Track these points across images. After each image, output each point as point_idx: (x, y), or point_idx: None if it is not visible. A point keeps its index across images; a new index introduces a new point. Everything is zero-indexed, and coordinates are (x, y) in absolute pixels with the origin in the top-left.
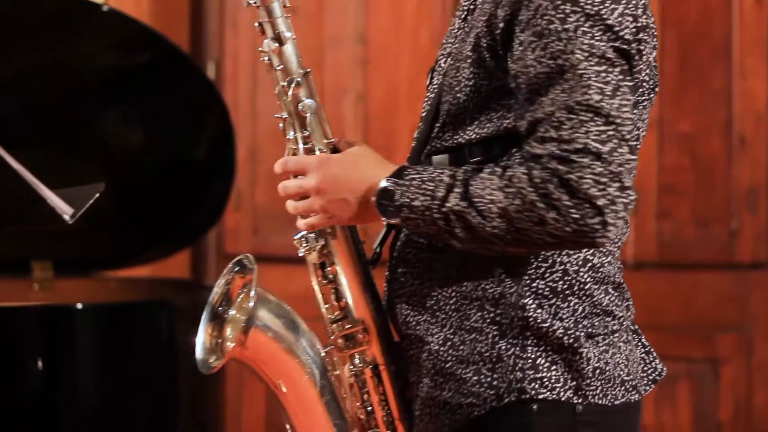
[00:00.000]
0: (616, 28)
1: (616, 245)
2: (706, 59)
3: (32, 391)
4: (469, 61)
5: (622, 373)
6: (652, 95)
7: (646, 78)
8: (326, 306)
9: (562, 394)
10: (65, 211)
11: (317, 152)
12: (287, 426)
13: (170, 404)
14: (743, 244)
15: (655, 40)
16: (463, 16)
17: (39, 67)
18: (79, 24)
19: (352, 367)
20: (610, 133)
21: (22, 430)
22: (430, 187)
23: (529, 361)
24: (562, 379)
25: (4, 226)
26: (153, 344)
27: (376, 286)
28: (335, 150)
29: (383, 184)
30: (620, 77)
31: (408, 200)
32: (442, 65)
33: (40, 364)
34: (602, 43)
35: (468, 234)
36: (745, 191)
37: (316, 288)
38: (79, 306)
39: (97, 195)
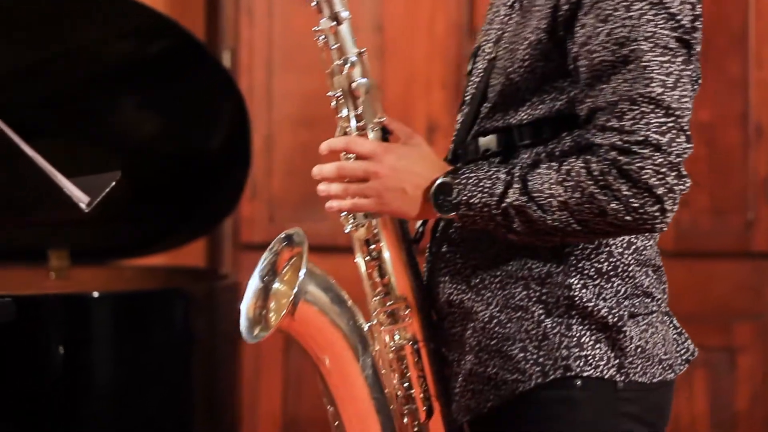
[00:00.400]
0: (678, 16)
1: None
2: (723, 49)
3: (49, 379)
4: (525, 43)
5: (659, 352)
6: (696, 86)
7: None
8: (369, 282)
9: (605, 371)
10: (81, 199)
11: (369, 131)
12: (325, 399)
13: (186, 393)
14: (760, 233)
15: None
16: (510, 3)
17: (54, 56)
18: (94, 12)
19: (392, 343)
20: (670, 124)
21: (39, 417)
22: (488, 185)
23: (574, 339)
24: (605, 357)
25: (21, 215)
26: (168, 333)
27: (418, 264)
28: (385, 129)
29: (441, 180)
30: (681, 67)
31: (466, 198)
32: (487, 50)
33: (56, 352)
34: (665, 32)
35: (527, 228)
36: (761, 181)
37: (361, 264)
38: (96, 294)
39: (113, 184)
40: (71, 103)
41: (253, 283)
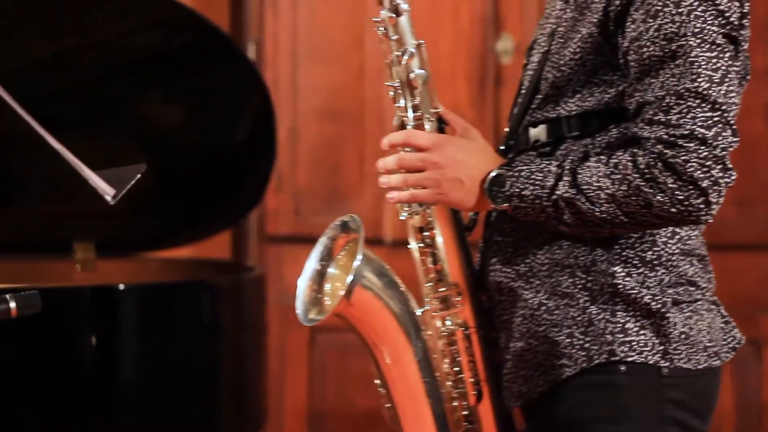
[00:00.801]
0: (727, 13)
1: None
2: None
3: (76, 371)
4: (578, 36)
5: (704, 339)
6: (744, 83)
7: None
8: (423, 268)
9: (649, 357)
10: (107, 192)
11: (426, 121)
12: (377, 382)
13: (212, 385)
14: None
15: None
16: None
17: (80, 48)
18: (120, 4)
19: (444, 328)
20: (716, 118)
21: (65, 409)
22: (539, 177)
23: (619, 325)
24: (650, 344)
25: (46, 207)
26: (195, 325)
27: (470, 251)
28: (441, 119)
29: (495, 172)
30: (729, 63)
31: (518, 190)
32: (542, 44)
33: (83, 344)
34: (714, 28)
35: (576, 220)
36: None
37: (415, 251)
38: (122, 287)
39: (139, 176)
40: (97, 95)
41: (309, 268)
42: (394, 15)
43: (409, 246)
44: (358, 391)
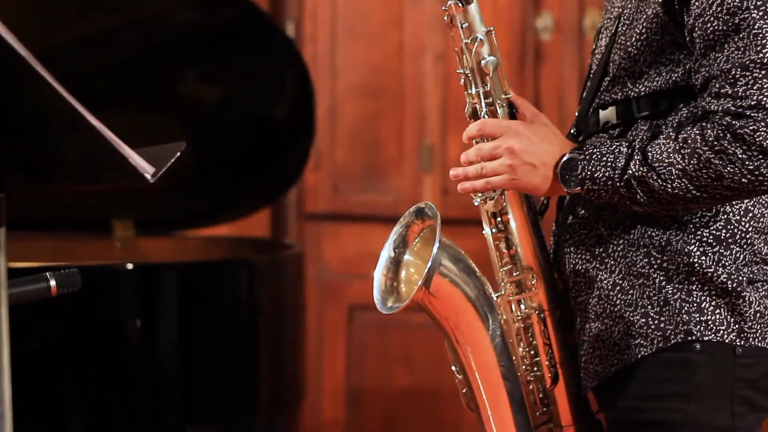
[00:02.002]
0: None
1: None
2: None
3: (115, 348)
4: (643, 17)
5: None
6: None
7: None
8: (497, 253)
9: (725, 336)
10: (146, 169)
11: (498, 107)
12: (454, 368)
13: (251, 363)
14: None
15: None
16: None
17: (120, 26)
18: None
19: (519, 312)
20: None
21: (107, 387)
22: (610, 159)
23: (695, 304)
24: (725, 322)
25: (86, 185)
26: (233, 303)
27: (543, 235)
28: (512, 105)
29: (567, 156)
30: None
31: (590, 173)
32: (609, 27)
33: (123, 321)
34: None
35: (650, 198)
36: None
37: (489, 236)
38: (162, 264)
39: (178, 154)
40: (137, 72)
41: (385, 255)
42: (461, 3)
43: (483, 232)
44: (396, 368)
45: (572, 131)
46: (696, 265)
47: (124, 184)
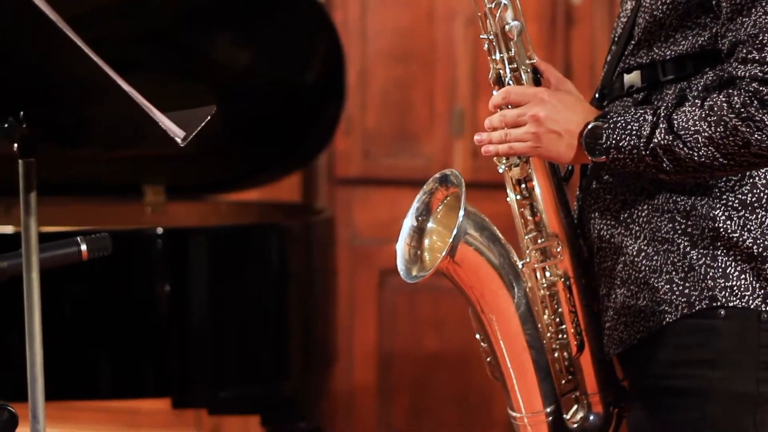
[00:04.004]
0: None
1: None
2: None
3: (146, 312)
4: None
5: None
6: None
7: None
8: (522, 221)
9: (750, 302)
10: (177, 134)
11: (522, 73)
12: (478, 336)
13: (282, 328)
14: None
15: None
16: None
17: None
18: None
19: (544, 279)
20: None
21: (138, 350)
22: (635, 127)
23: (720, 270)
24: (751, 288)
25: (117, 149)
26: (264, 267)
27: (568, 202)
28: (536, 70)
29: (591, 124)
30: None
31: (615, 141)
32: None
33: (153, 287)
34: None
35: (676, 166)
36: None
37: (513, 203)
38: (193, 229)
39: (209, 118)
40: (167, 38)
41: (408, 223)
42: None
43: (507, 199)
44: (427, 333)
45: (597, 96)
46: (721, 229)
47: (154, 148)
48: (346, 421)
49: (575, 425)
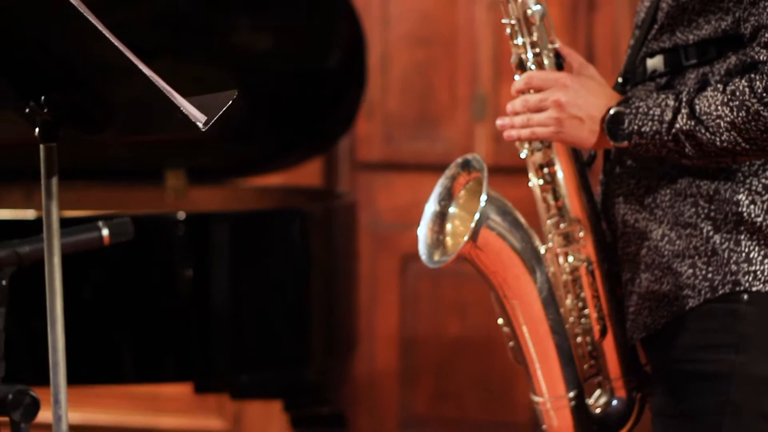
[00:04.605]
0: None
1: None
2: None
3: (168, 296)
4: None
5: None
6: None
7: None
8: (544, 205)
9: None
10: (198, 118)
11: (544, 57)
12: (500, 321)
13: (303, 312)
14: None
15: None
16: None
17: None
18: None
19: (567, 264)
20: None
21: (160, 335)
22: (657, 112)
23: (743, 254)
24: None
25: (139, 134)
26: (286, 253)
27: (591, 187)
28: (558, 55)
29: (613, 110)
30: None
31: (637, 127)
32: None
33: (175, 271)
34: None
35: (698, 151)
36: None
37: (536, 187)
38: (214, 213)
39: (230, 103)
40: (188, 21)
41: (430, 208)
42: None
43: (529, 183)
44: (449, 317)
45: (619, 80)
46: (744, 214)
47: (176, 133)
48: (367, 406)
49: (598, 410)
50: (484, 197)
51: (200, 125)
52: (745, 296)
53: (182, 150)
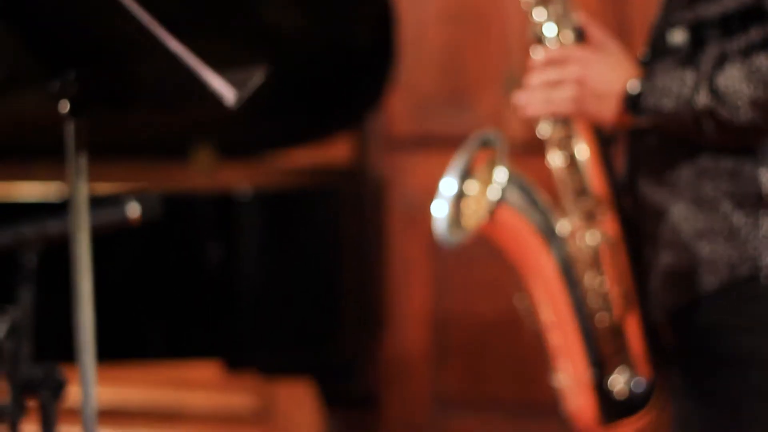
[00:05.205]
0: None
1: None
2: None
3: (199, 276)
4: None
5: None
6: None
7: None
8: (565, 183)
9: None
10: (228, 95)
11: (565, 33)
12: (519, 297)
13: (335, 291)
14: None
15: None
16: None
17: None
18: None
19: (587, 243)
20: None
21: (190, 314)
22: (675, 90)
23: (763, 234)
24: None
25: (167, 110)
26: (316, 231)
27: (613, 163)
28: (579, 30)
29: (632, 89)
30: None
31: (655, 104)
32: None
33: (205, 250)
34: None
35: (719, 129)
36: None
37: (556, 165)
38: (244, 192)
39: (261, 80)
40: None
41: (448, 185)
42: None
43: (550, 161)
44: (481, 296)
45: (642, 54)
46: (764, 191)
47: (205, 109)
48: (399, 386)
49: (618, 389)
50: (502, 174)
51: (230, 103)
52: (764, 278)
53: (211, 126)
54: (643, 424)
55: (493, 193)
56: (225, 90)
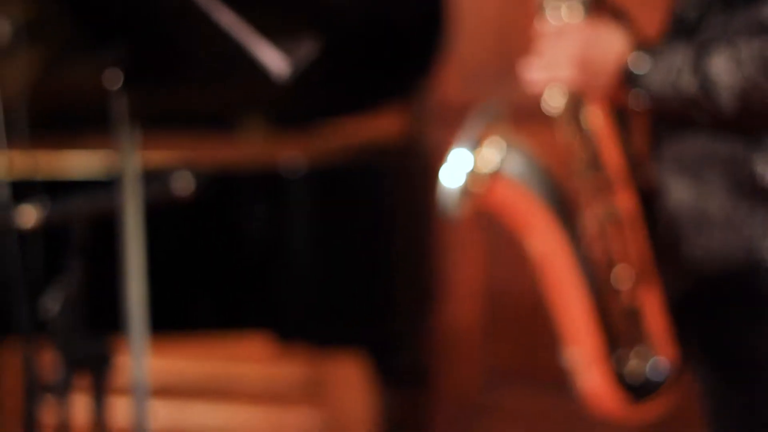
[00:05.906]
0: None
1: None
2: None
3: (247, 250)
4: None
5: None
6: None
7: None
8: (578, 157)
9: None
10: (279, 68)
11: (579, 6)
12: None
13: (386, 268)
14: None
15: None
16: None
17: None
18: None
19: (599, 220)
20: None
21: (239, 293)
22: (665, 76)
23: (759, 223)
24: None
25: (218, 82)
26: (366, 206)
27: (628, 138)
28: (586, 3)
29: (625, 67)
30: None
31: (646, 87)
32: None
33: (253, 227)
34: None
35: (710, 118)
36: None
37: (569, 139)
38: (292, 168)
39: (314, 52)
40: None
41: (455, 156)
42: None
43: (563, 135)
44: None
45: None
46: (758, 177)
47: (256, 81)
48: (451, 360)
49: (633, 369)
50: (505, 144)
51: (281, 75)
52: (762, 267)
53: (261, 99)
54: (667, 402)
55: (496, 164)
56: (278, 62)
